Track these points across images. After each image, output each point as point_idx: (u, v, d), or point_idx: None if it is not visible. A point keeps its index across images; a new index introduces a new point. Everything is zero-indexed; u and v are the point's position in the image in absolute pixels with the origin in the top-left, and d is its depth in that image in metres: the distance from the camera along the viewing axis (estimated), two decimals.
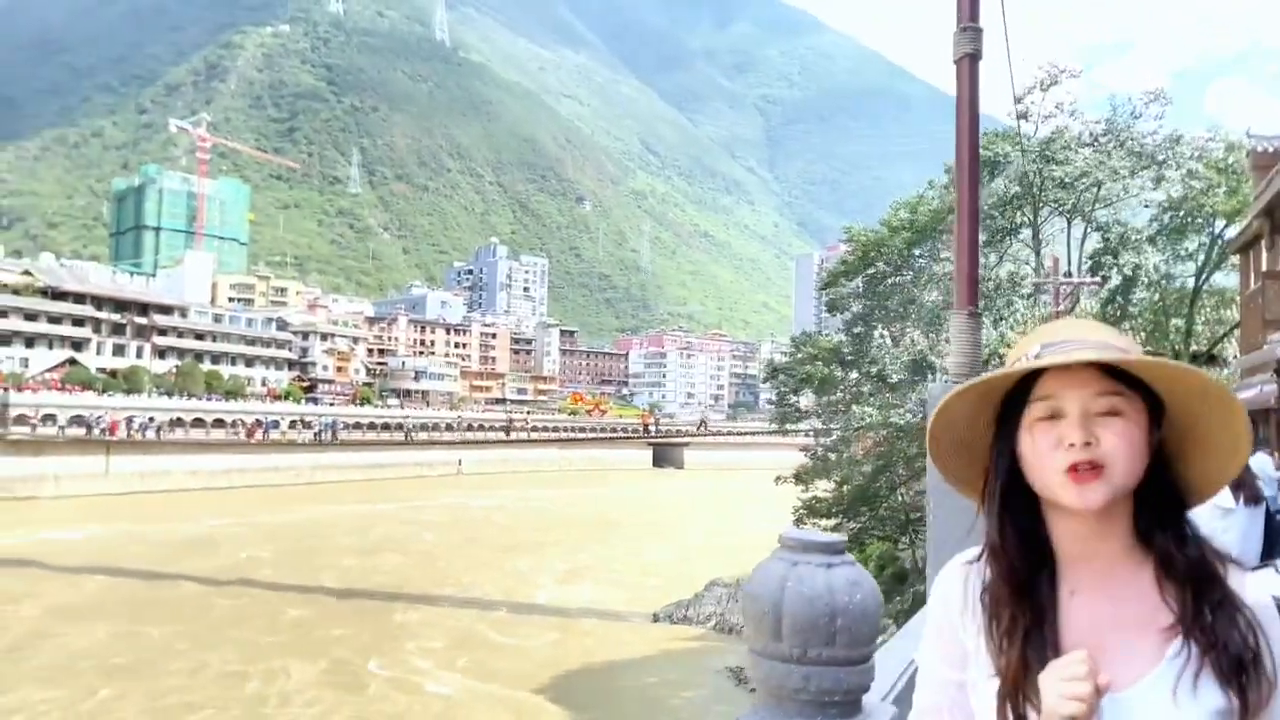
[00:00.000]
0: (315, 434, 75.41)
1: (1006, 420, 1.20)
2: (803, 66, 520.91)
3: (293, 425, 75.45)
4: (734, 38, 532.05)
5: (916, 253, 29.09)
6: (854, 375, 28.06)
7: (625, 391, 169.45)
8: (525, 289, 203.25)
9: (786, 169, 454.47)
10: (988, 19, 4.31)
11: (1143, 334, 31.14)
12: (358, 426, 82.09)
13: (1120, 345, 1.15)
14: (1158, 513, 1.16)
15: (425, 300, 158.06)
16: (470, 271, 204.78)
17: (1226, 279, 31.47)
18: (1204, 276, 30.99)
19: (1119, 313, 30.87)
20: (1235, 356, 28.34)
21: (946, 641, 1.22)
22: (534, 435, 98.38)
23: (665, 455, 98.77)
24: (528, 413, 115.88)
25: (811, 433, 32.92)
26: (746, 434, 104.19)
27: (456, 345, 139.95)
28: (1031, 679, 1.10)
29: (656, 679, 21.76)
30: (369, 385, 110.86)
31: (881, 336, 28.09)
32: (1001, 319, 26.86)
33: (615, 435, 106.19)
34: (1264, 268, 22.86)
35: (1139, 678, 1.11)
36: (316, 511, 50.13)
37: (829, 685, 1.26)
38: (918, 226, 28.17)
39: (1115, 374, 1.13)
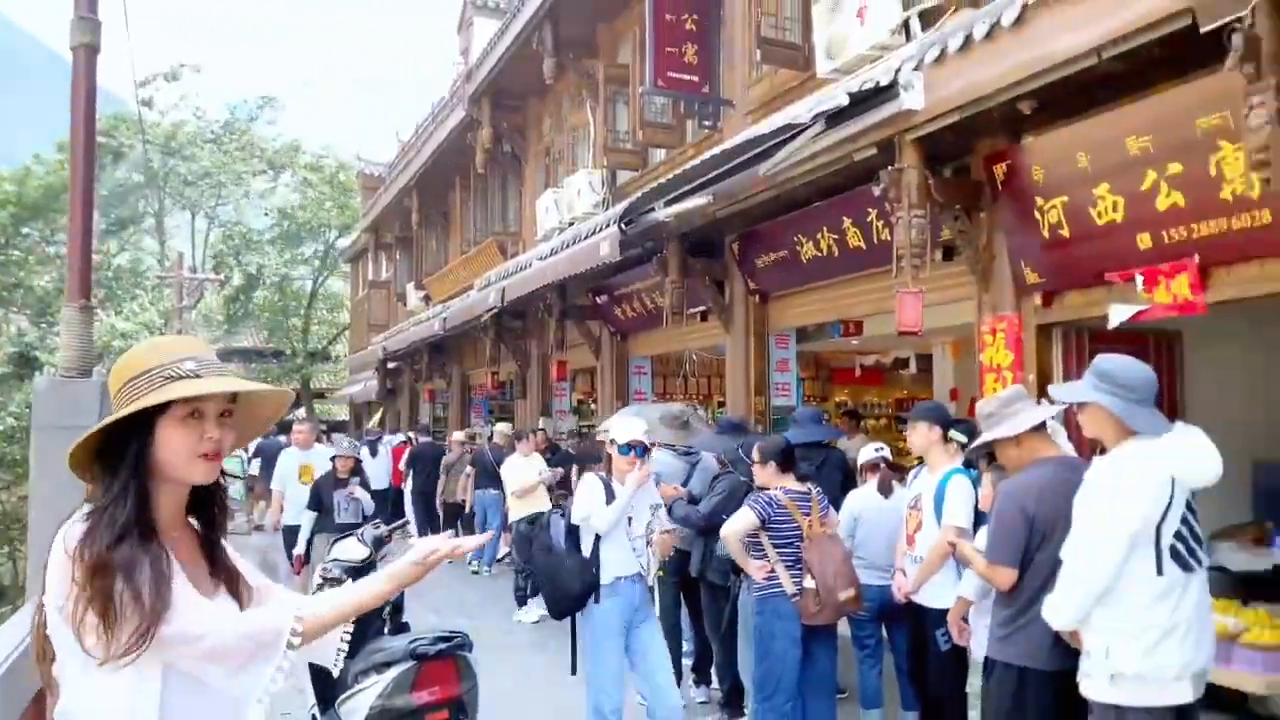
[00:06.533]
0: None
1: (138, 413, 1.50)
2: None
3: None
4: None
5: (26, 230, 25.90)
6: None
7: None
8: None
9: None
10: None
11: (265, 331, 32.63)
12: None
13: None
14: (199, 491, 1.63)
15: None
16: None
17: (340, 285, 34.86)
18: (319, 281, 33.81)
19: (242, 310, 31.85)
20: (345, 354, 31.45)
21: None
22: None
23: None
24: None
25: None
26: None
27: None
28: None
29: None
30: None
31: None
32: (121, 310, 25.56)
33: None
34: (370, 277, 25.92)
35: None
36: None
37: None
38: (26, 202, 25.07)
39: None
